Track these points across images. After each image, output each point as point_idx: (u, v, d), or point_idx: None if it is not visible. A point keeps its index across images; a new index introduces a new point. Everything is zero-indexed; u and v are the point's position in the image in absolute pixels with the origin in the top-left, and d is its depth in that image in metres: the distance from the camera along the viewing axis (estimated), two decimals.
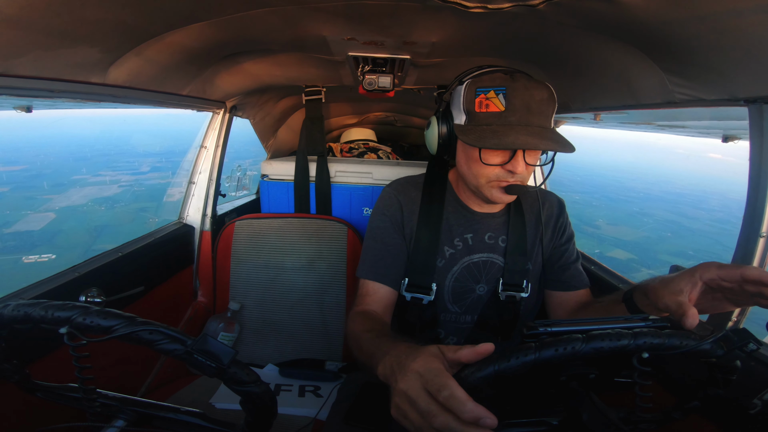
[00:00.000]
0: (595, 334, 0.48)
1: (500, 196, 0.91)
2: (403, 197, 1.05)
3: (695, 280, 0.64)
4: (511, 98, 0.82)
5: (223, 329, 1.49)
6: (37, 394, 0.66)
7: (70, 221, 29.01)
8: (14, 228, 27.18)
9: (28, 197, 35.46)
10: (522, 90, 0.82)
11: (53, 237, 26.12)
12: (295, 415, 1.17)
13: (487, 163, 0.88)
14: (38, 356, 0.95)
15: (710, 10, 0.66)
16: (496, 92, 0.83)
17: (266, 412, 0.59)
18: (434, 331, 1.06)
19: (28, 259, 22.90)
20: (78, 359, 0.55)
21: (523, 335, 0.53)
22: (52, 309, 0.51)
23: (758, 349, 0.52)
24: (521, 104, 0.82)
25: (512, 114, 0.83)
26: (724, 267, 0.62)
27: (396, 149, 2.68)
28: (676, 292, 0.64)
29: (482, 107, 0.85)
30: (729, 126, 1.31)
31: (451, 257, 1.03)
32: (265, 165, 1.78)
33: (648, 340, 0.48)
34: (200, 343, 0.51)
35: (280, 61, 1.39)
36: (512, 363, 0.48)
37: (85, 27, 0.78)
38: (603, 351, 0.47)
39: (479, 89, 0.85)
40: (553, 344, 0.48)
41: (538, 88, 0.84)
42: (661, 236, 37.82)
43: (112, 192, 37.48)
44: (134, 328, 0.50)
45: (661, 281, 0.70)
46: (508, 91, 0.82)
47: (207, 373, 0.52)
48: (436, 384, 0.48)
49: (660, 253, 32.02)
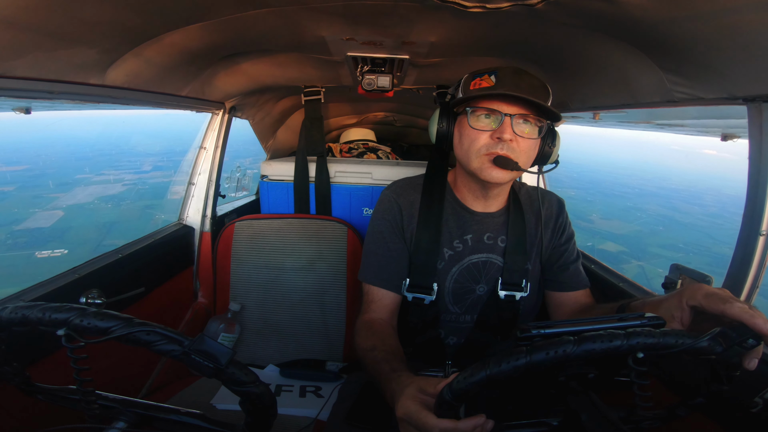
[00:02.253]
0: (586, 335, 0.47)
1: (490, 172, 0.92)
2: (402, 200, 1.06)
3: (682, 305, 0.64)
4: (501, 77, 0.91)
5: (223, 330, 1.49)
6: (37, 396, 0.66)
7: (79, 218, 29.33)
8: (24, 225, 27.43)
9: (34, 196, 35.67)
10: (512, 73, 0.91)
11: (63, 233, 26.40)
12: (296, 416, 1.17)
13: (476, 128, 0.92)
14: (38, 358, 0.95)
15: (709, 9, 0.66)
16: (489, 74, 0.92)
17: (266, 413, 0.59)
18: (435, 331, 1.06)
19: (41, 254, 23.09)
20: (76, 361, 0.55)
21: (516, 338, 0.53)
22: (49, 311, 0.51)
23: (759, 344, 0.51)
24: (510, 81, 0.90)
25: (501, 87, 0.90)
26: (710, 296, 0.60)
27: (395, 149, 2.67)
28: (668, 318, 0.64)
29: (475, 86, 0.93)
30: (728, 125, 1.31)
31: (450, 259, 1.03)
32: (265, 165, 1.78)
33: (641, 340, 0.47)
34: (197, 344, 0.51)
35: (279, 62, 1.39)
36: (503, 368, 0.48)
37: (83, 28, 0.77)
38: (595, 353, 0.46)
39: (476, 74, 0.94)
40: (544, 348, 0.47)
41: (528, 76, 0.91)
42: (653, 230, 38.21)
43: (117, 190, 37.63)
44: (131, 329, 0.50)
45: (651, 303, 0.70)
46: (499, 72, 0.91)
47: (205, 374, 0.52)
48: (420, 426, 0.58)
49: (650, 246, 32.51)
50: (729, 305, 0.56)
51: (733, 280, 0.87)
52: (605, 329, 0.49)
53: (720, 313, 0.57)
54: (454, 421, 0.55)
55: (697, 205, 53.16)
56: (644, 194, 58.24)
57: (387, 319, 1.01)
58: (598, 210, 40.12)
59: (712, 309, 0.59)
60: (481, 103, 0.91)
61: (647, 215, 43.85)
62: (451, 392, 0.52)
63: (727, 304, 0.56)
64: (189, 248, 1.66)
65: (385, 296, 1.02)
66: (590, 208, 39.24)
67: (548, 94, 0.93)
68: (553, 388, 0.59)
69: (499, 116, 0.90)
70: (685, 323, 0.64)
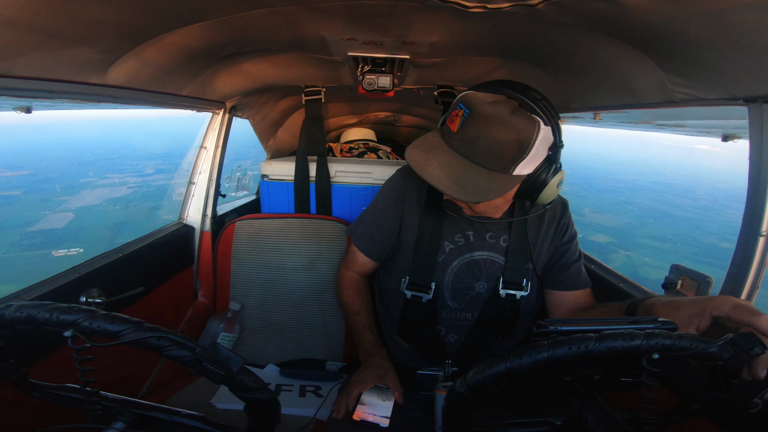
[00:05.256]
0: (608, 333, 0.48)
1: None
2: (412, 186, 1.09)
3: (706, 314, 0.63)
4: (466, 125, 0.80)
5: (223, 329, 1.49)
6: (34, 393, 0.66)
7: (89, 220, 30.37)
8: (37, 227, 28.55)
9: (43, 199, 36.67)
10: (482, 122, 0.78)
11: (77, 233, 27.42)
12: (296, 415, 1.17)
13: None
14: (37, 357, 0.94)
15: (709, 9, 0.66)
16: (463, 113, 0.81)
17: (270, 418, 0.59)
18: (434, 328, 1.07)
19: (57, 253, 24.06)
20: (81, 362, 0.54)
21: (532, 333, 0.53)
22: (57, 312, 0.50)
23: (763, 353, 0.51)
24: (471, 134, 0.80)
25: (456, 140, 0.82)
26: (738, 308, 0.60)
27: (396, 149, 2.68)
28: (685, 323, 0.64)
29: (449, 121, 0.85)
30: (728, 125, 1.31)
31: (450, 252, 1.04)
32: (265, 165, 1.78)
33: (660, 341, 0.48)
34: (210, 351, 0.51)
35: (279, 62, 1.39)
36: (525, 360, 0.48)
37: (84, 28, 0.77)
38: (616, 350, 0.47)
39: (459, 104, 0.83)
40: (566, 342, 0.48)
41: (503, 128, 0.78)
42: (643, 222, 38.99)
43: (123, 193, 38.72)
44: (142, 334, 0.49)
45: (669, 305, 0.70)
46: (469, 116, 0.80)
47: (214, 380, 0.52)
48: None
49: (639, 237, 33.47)
50: (758, 318, 0.57)
51: (733, 280, 0.87)
52: (625, 329, 0.50)
53: (748, 324, 0.58)
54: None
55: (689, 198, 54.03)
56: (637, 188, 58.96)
57: (366, 278, 1.23)
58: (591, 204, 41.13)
59: (740, 320, 0.59)
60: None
61: (638, 208, 44.74)
62: (466, 385, 0.52)
63: (756, 316, 0.57)
64: (189, 248, 1.66)
65: (368, 263, 1.18)
66: (583, 202, 40.19)
67: (520, 148, 0.79)
68: (557, 389, 0.60)
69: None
70: (701, 331, 0.64)
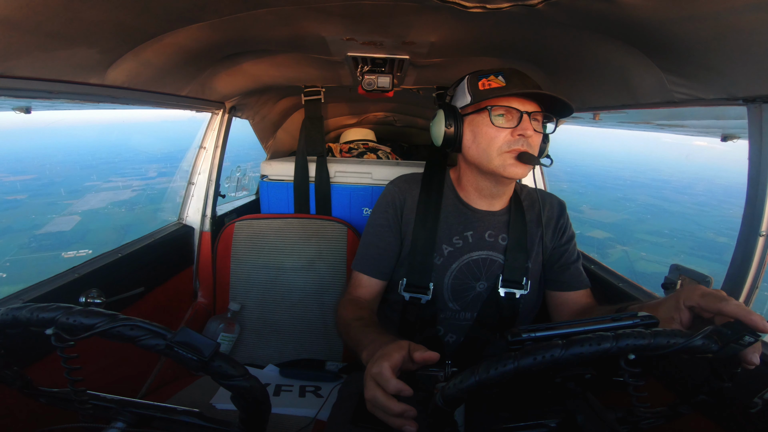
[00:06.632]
0: (574, 339, 0.46)
1: (514, 170, 0.94)
2: (405, 195, 1.08)
3: (680, 305, 0.64)
4: (509, 77, 0.95)
5: (223, 330, 1.49)
6: (40, 399, 0.66)
7: (96, 222, 30.80)
8: (45, 229, 28.86)
9: (49, 203, 37.11)
10: (516, 74, 0.96)
11: (84, 235, 27.81)
12: (296, 415, 1.17)
13: (497, 125, 0.93)
14: (37, 360, 0.94)
15: (709, 10, 0.66)
16: (496, 75, 0.96)
17: (258, 407, 0.58)
18: (434, 328, 1.07)
19: (67, 254, 24.30)
20: (66, 360, 0.55)
21: (507, 342, 0.53)
22: (37, 311, 0.51)
23: (757, 341, 0.50)
24: (518, 81, 0.94)
25: (512, 87, 0.93)
26: (706, 296, 0.60)
27: (395, 149, 2.67)
28: (666, 319, 0.64)
29: (485, 86, 0.95)
30: (728, 125, 1.31)
31: (449, 255, 1.04)
32: (265, 165, 1.78)
33: (632, 341, 0.46)
34: (180, 336, 0.51)
35: (279, 62, 1.39)
36: (492, 374, 0.48)
37: (83, 28, 0.77)
38: (584, 357, 0.46)
39: (481, 75, 0.97)
40: (531, 353, 0.47)
41: (528, 76, 0.97)
42: (641, 218, 39.30)
43: (127, 196, 39.21)
44: (114, 323, 0.50)
45: (650, 305, 0.70)
46: (505, 73, 0.96)
47: (191, 367, 0.51)
48: (377, 376, 0.63)
49: (636, 233, 33.87)
50: (725, 303, 0.56)
51: (733, 280, 0.87)
52: (594, 332, 0.48)
53: (716, 311, 0.58)
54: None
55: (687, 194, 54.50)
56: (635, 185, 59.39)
57: (372, 301, 1.09)
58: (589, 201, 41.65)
59: (709, 308, 0.59)
60: (497, 102, 0.92)
61: (636, 205, 45.17)
62: (443, 399, 0.52)
63: (723, 302, 0.57)
64: (189, 248, 1.66)
65: (376, 284, 1.09)
66: (581, 199, 40.75)
67: None
68: (550, 389, 0.59)
69: (517, 114, 0.92)
70: (685, 324, 0.64)
